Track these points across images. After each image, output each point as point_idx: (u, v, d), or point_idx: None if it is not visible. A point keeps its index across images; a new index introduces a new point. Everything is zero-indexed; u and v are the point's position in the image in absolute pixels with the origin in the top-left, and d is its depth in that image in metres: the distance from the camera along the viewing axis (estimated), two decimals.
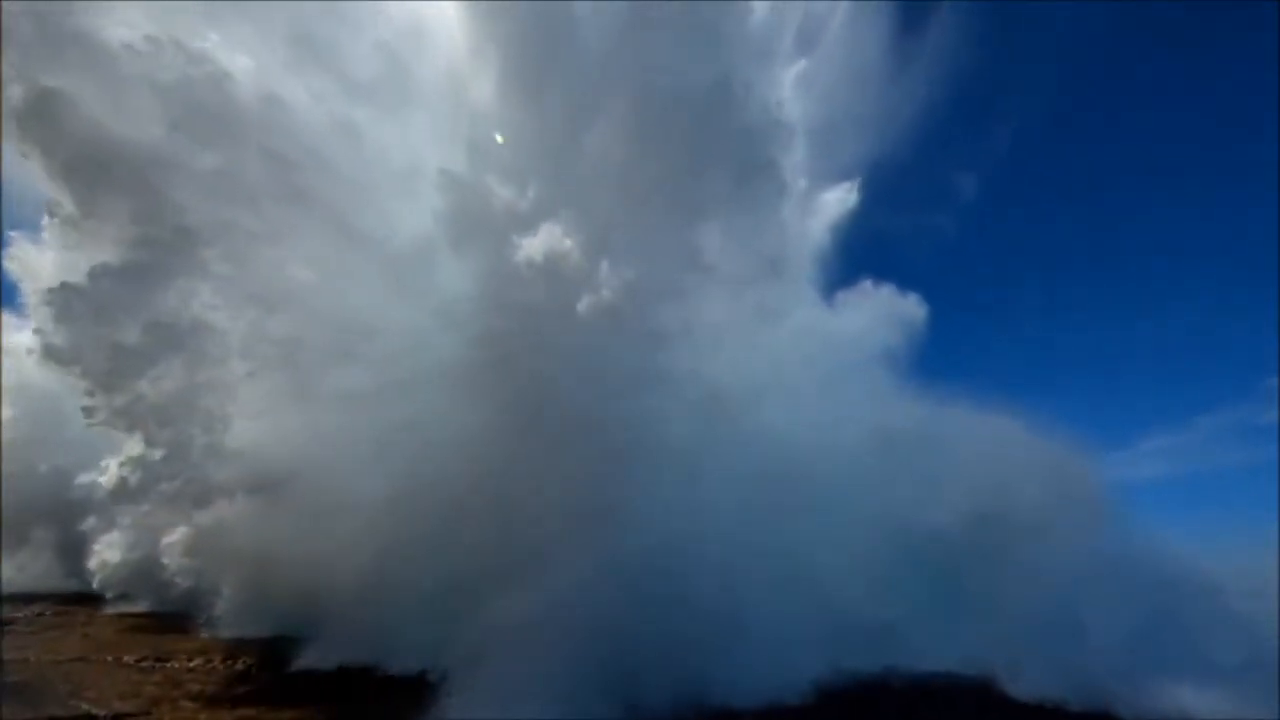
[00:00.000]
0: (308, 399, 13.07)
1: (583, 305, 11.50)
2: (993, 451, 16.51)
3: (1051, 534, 14.79)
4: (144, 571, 15.74)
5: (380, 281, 13.89)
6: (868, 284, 21.91)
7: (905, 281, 21.75)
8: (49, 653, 11.44)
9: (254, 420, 12.07)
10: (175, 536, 13.29)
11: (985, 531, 14.41)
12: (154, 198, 10.79)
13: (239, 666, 11.66)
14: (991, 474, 15.62)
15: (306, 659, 11.86)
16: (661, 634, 10.18)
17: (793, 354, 17.16)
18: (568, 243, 11.46)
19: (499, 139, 13.84)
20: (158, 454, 10.84)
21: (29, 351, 14.21)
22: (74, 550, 17.69)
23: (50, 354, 11.12)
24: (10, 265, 19.10)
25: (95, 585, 16.15)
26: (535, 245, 11.38)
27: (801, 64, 20.68)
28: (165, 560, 13.61)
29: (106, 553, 16.20)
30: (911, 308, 21.50)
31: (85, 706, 8.45)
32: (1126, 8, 44.59)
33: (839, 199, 22.05)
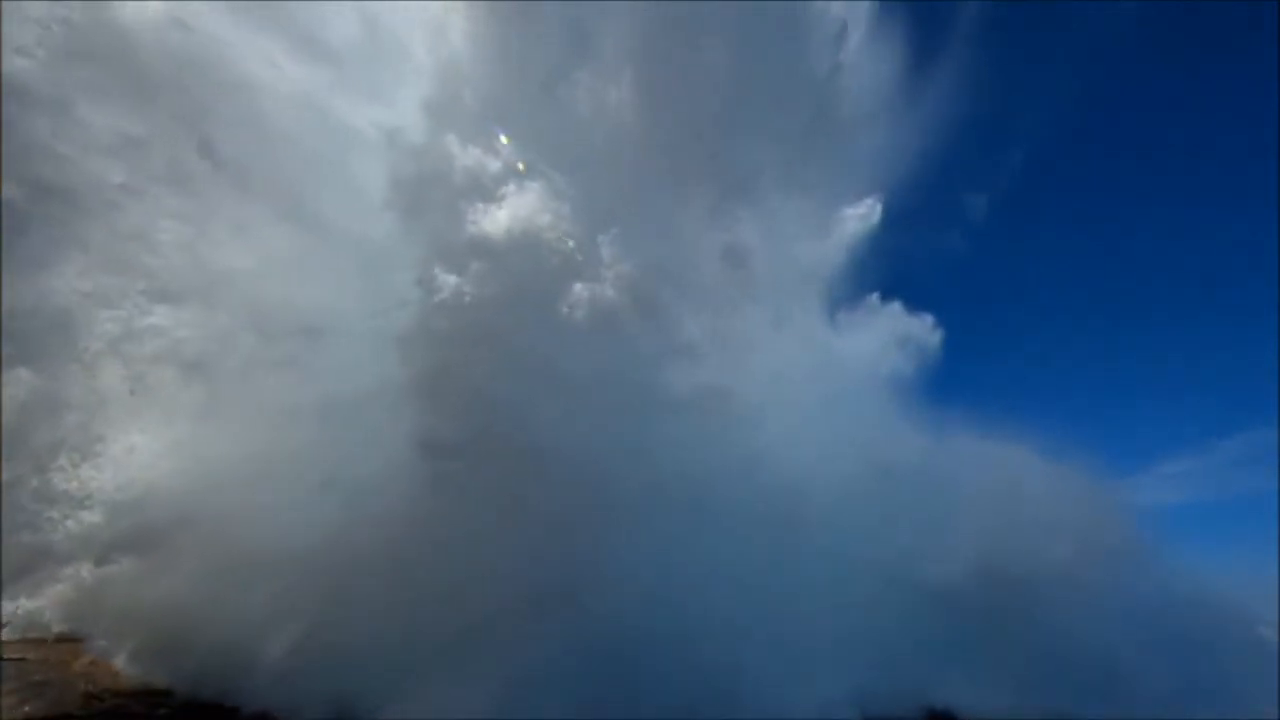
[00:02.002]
0: (221, 418, 10.22)
1: (570, 300, 8.24)
2: (1007, 490, 15.13)
3: (1077, 581, 13.79)
4: None
5: (334, 273, 11.19)
6: (874, 299, 19.85)
7: (916, 302, 19.84)
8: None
9: (137, 447, 9.25)
10: (57, 589, 10.49)
11: (999, 587, 13.00)
12: (11, 143, 8.14)
13: None
14: (1006, 518, 14.23)
15: None
16: (650, 695, 8.72)
17: (795, 376, 14.83)
18: (546, 216, 8.16)
19: (504, 139, 10.98)
20: None
21: None
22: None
23: None
24: None
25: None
26: (498, 218, 8.09)
27: None
28: (48, 618, 10.81)
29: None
30: (924, 329, 19.78)
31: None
32: (1145, 28, 42.85)
33: (860, 215, 19.62)
